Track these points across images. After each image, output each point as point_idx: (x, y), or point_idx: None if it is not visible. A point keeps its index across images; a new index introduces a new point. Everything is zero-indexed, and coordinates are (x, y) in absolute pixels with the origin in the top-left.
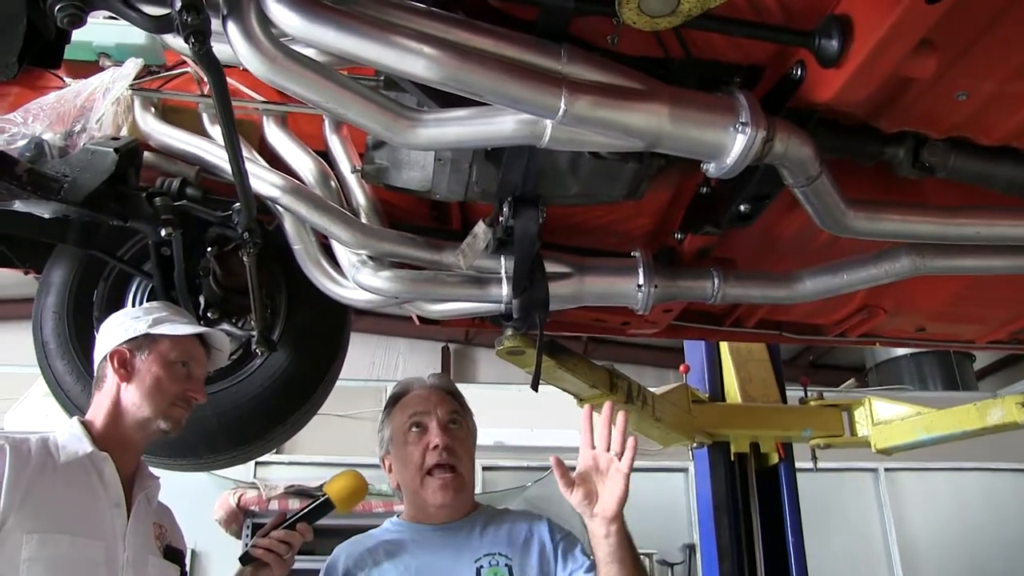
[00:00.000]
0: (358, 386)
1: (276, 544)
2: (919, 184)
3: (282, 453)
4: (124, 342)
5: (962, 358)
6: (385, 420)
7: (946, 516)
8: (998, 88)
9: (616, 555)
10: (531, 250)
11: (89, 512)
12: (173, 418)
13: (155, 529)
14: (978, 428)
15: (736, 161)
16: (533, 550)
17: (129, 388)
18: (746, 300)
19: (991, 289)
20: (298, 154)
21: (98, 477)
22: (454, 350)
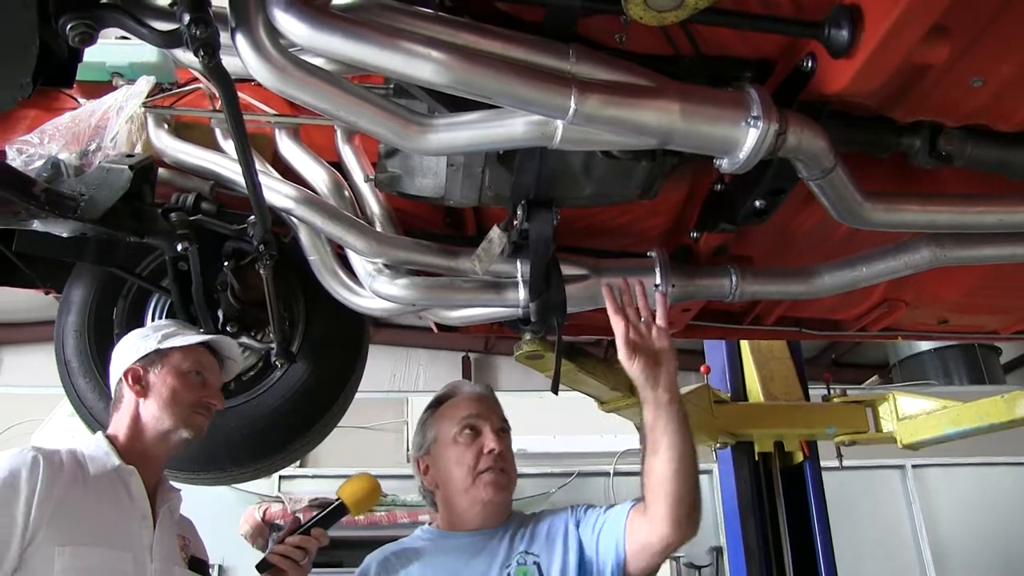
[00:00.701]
0: (380, 398)
1: (292, 550)
2: (937, 174)
3: (305, 466)
4: (136, 360)
5: (988, 351)
6: (428, 421)
7: (976, 511)
8: (1016, 71)
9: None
10: (546, 253)
11: (118, 525)
12: (194, 426)
13: (179, 540)
14: (1006, 421)
15: (749, 155)
16: (557, 540)
17: (147, 403)
18: (764, 296)
19: (1013, 278)
20: (311, 165)
21: (125, 490)
22: (474, 359)
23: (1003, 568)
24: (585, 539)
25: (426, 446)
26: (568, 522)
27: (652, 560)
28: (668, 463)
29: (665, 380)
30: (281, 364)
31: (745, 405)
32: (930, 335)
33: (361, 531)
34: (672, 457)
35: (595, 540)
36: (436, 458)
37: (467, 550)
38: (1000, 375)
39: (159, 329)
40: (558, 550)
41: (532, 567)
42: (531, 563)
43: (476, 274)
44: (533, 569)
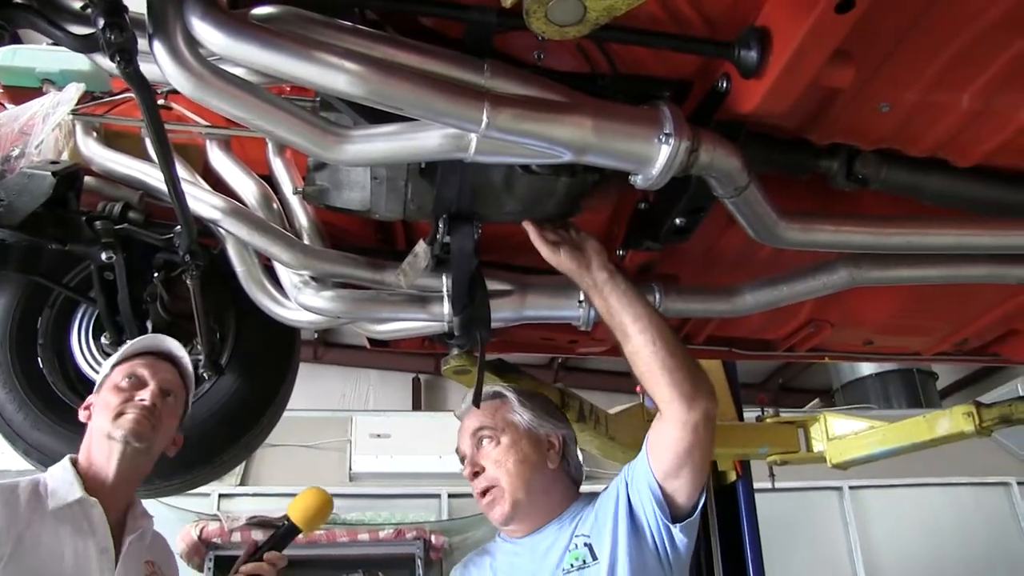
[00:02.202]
0: (324, 416)
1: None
2: (858, 197)
3: (246, 484)
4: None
5: (926, 377)
6: None
7: (910, 532)
8: (919, 99)
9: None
10: (468, 267)
11: (76, 560)
12: (124, 425)
13: (147, 568)
14: (928, 439)
15: (662, 171)
16: (608, 512)
17: (92, 418)
18: (688, 314)
19: (933, 301)
20: (241, 177)
21: (87, 522)
22: (424, 381)
23: None
24: (632, 497)
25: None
26: (619, 488)
27: (681, 459)
28: (640, 337)
29: (596, 260)
30: (209, 376)
31: None
32: (855, 356)
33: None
34: (641, 329)
35: (636, 490)
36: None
37: (532, 551)
38: (936, 400)
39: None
40: (608, 523)
41: (584, 549)
42: (582, 545)
43: (401, 288)
44: (585, 551)
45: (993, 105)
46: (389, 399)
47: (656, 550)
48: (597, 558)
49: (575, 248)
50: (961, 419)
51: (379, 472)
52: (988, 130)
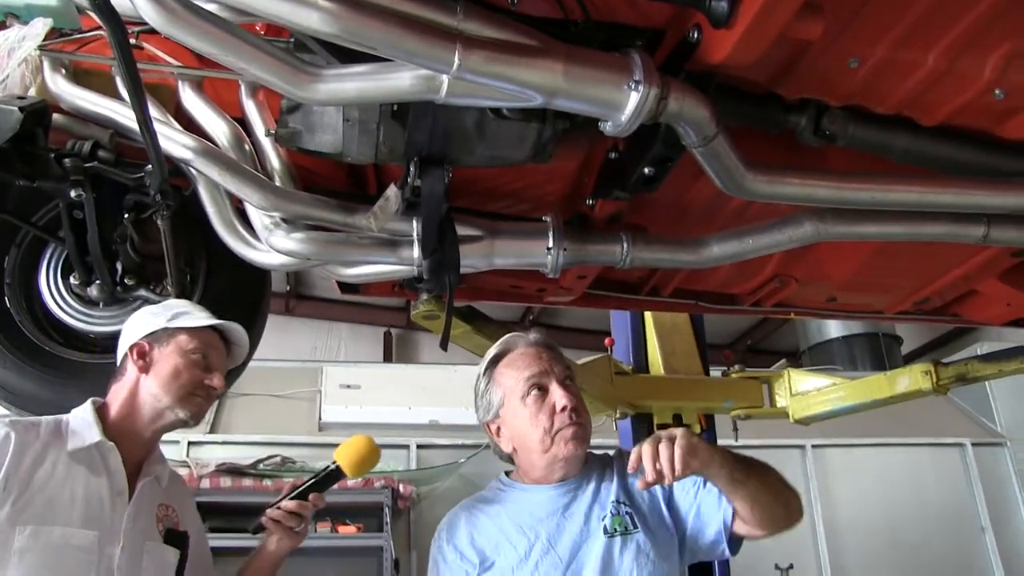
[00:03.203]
0: (294, 367)
1: (286, 516)
2: (826, 154)
3: (215, 432)
4: (143, 336)
5: (891, 341)
6: (490, 384)
7: (868, 489)
8: (887, 55)
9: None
10: (438, 210)
11: (88, 501)
12: (190, 407)
13: (160, 511)
14: (888, 396)
15: (630, 118)
16: (643, 497)
17: (147, 379)
18: (655, 264)
19: (896, 259)
20: (213, 119)
21: (103, 465)
22: (396, 335)
23: (890, 541)
24: (681, 501)
25: (494, 410)
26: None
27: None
28: (743, 506)
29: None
30: None
31: (645, 377)
32: (820, 312)
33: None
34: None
35: (694, 507)
36: (507, 421)
37: (559, 500)
38: (900, 363)
39: (170, 308)
40: (646, 503)
41: (625, 516)
42: (624, 512)
43: (372, 231)
44: (627, 519)
45: (957, 65)
46: (360, 352)
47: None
48: (637, 527)
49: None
50: (920, 377)
51: (348, 422)
52: (952, 90)
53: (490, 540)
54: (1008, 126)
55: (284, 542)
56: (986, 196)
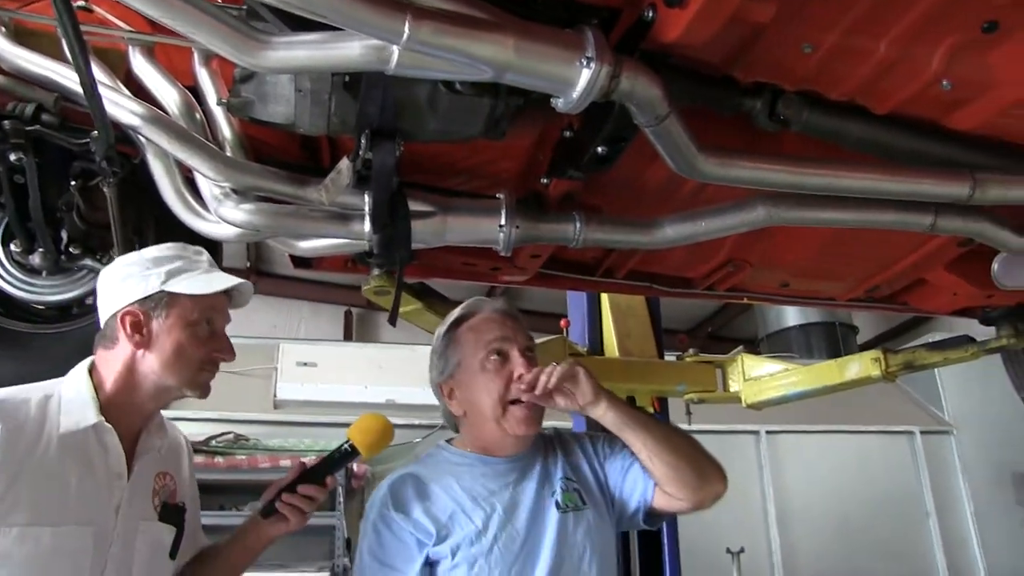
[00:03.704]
0: (250, 343)
1: (302, 500)
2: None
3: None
4: (135, 301)
5: (847, 330)
6: (450, 344)
7: (820, 475)
8: (840, 41)
9: (623, 421)
10: (389, 184)
11: (83, 493)
12: (200, 384)
13: (157, 482)
14: (838, 382)
15: (581, 95)
16: (585, 467)
17: (147, 356)
18: (608, 244)
19: (848, 246)
20: (164, 86)
21: (100, 447)
22: (357, 314)
23: (839, 525)
24: (612, 476)
25: (450, 371)
26: (594, 456)
27: (680, 512)
28: (645, 452)
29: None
30: None
31: (599, 359)
32: (772, 298)
33: (221, 474)
34: (642, 447)
35: (621, 480)
36: (462, 384)
37: (509, 475)
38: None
39: (162, 263)
40: (590, 480)
41: (574, 493)
42: (572, 489)
43: (323, 204)
44: (576, 496)
45: (907, 55)
46: (320, 331)
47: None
48: (587, 504)
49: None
50: (869, 364)
51: (304, 400)
52: (902, 79)
53: (444, 510)
54: (955, 117)
55: (288, 527)
56: (934, 185)
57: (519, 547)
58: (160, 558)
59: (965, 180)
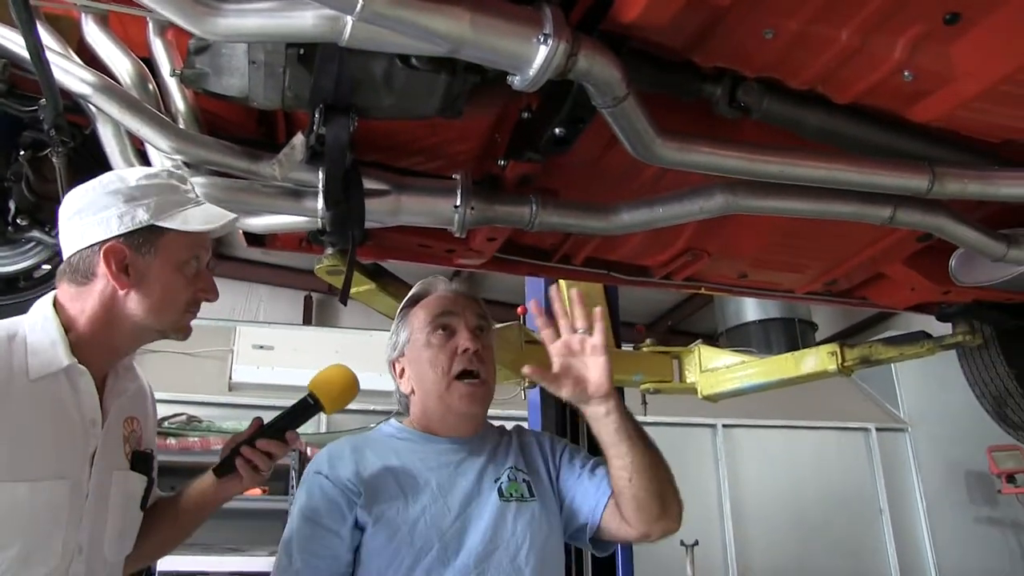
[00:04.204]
0: (207, 325)
1: (259, 456)
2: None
3: None
4: (119, 235)
5: (806, 327)
6: (402, 322)
7: (775, 469)
8: (801, 28)
9: (622, 431)
10: (342, 160)
11: (58, 441)
12: (184, 328)
13: (126, 427)
14: (794, 375)
15: (538, 72)
16: (540, 466)
17: (130, 295)
18: (564, 229)
19: (807, 238)
20: (117, 55)
21: (72, 391)
22: (317, 299)
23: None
24: (565, 481)
25: (400, 347)
26: (551, 456)
27: (628, 540)
28: (622, 471)
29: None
30: None
31: None
32: (730, 288)
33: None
34: (623, 466)
35: (571, 491)
36: (410, 359)
37: (451, 455)
38: None
39: (149, 192)
40: (543, 476)
41: (523, 484)
42: (521, 480)
43: (276, 179)
44: (524, 486)
45: (869, 44)
46: (280, 315)
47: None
48: (535, 496)
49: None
50: (826, 357)
51: (260, 383)
52: (863, 68)
53: (376, 477)
54: (916, 109)
55: (243, 485)
56: (893, 177)
57: (448, 524)
58: (132, 508)
59: (924, 173)
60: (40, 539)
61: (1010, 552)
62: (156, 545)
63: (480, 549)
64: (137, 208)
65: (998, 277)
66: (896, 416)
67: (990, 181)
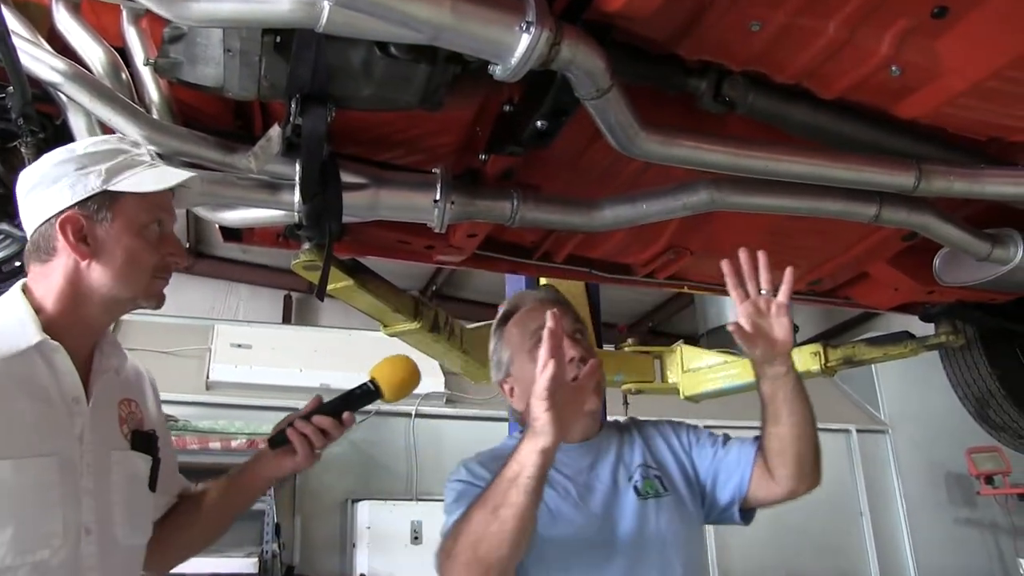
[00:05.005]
0: (184, 323)
1: (315, 432)
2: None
3: None
4: (74, 204)
5: None
6: (499, 342)
7: None
8: (788, 20)
9: (798, 388)
10: (319, 151)
11: (37, 419)
12: (154, 294)
13: (122, 409)
14: None
15: (520, 61)
16: (668, 457)
17: (92, 266)
18: (545, 225)
19: (791, 236)
20: (89, 43)
21: (48, 369)
22: (296, 299)
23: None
24: (700, 465)
25: (505, 367)
26: (677, 442)
27: (773, 502)
28: (791, 429)
29: (781, 355)
30: None
31: None
32: (713, 287)
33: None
34: (795, 423)
35: (712, 470)
36: (517, 377)
37: (582, 460)
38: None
39: (99, 159)
40: (673, 468)
41: (656, 481)
42: (653, 476)
43: (252, 172)
44: (656, 483)
45: (856, 37)
46: (259, 314)
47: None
48: (668, 490)
49: (769, 340)
50: (809, 358)
51: (237, 382)
52: (850, 63)
53: None
54: (903, 105)
55: (296, 461)
56: (879, 174)
57: (594, 532)
58: (139, 489)
59: (911, 170)
60: (35, 520)
61: (988, 554)
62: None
63: (631, 551)
64: (88, 175)
65: (981, 277)
66: (876, 418)
67: (976, 179)
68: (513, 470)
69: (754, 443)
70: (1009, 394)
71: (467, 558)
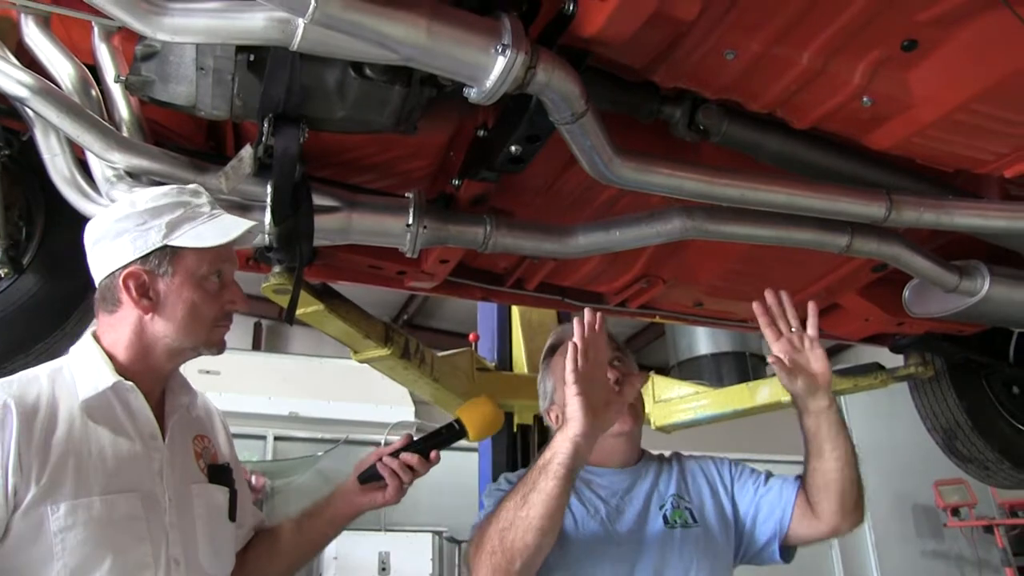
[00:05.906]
0: None
1: (403, 468)
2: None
3: None
4: (136, 260)
5: (757, 361)
6: (545, 372)
7: None
8: (763, 50)
9: (840, 422)
10: (291, 172)
11: (119, 458)
12: (216, 342)
13: (196, 446)
14: (749, 407)
15: (495, 84)
16: (705, 491)
17: (156, 319)
18: (517, 251)
19: (763, 266)
20: (59, 59)
21: (125, 410)
22: (267, 326)
23: None
24: (740, 501)
25: (549, 396)
26: (718, 478)
27: (815, 539)
28: (835, 463)
29: (823, 389)
30: (7, 274)
31: (508, 375)
32: (685, 317)
33: None
34: (838, 456)
35: (754, 507)
36: (561, 405)
37: (617, 484)
38: None
39: (160, 213)
40: (707, 502)
41: (686, 512)
42: (684, 507)
43: (223, 193)
44: (686, 514)
45: (829, 67)
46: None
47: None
48: (697, 523)
49: (809, 374)
50: (780, 389)
51: None
52: (823, 93)
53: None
54: (874, 136)
55: (385, 496)
56: (850, 204)
57: (615, 550)
58: (220, 521)
59: (882, 200)
60: (129, 553)
61: None
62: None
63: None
64: (149, 231)
65: (950, 308)
66: None
67: (945, 210)
68: (544, 458)
69: (796, 481)
70: (976, 426)
71: (493, 546)
